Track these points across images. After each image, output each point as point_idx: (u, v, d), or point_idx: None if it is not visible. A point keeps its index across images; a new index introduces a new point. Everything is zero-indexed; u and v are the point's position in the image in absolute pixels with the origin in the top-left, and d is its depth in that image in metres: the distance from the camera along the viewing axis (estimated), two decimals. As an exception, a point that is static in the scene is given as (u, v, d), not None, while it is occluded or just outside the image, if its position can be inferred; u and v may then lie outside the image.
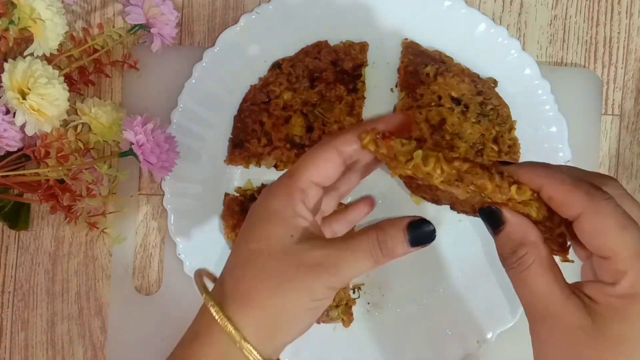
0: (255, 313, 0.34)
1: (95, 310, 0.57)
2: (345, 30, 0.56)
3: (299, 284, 0.34)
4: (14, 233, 0.57)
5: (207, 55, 0.54)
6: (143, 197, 0.57)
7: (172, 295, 0.56)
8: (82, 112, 0.51)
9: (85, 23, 0.57)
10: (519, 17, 0.60)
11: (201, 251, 0.54)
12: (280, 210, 0.36)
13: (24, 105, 0.44)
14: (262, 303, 0.34)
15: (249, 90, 0.55)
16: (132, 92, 0.57)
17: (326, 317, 0.54)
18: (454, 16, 0.55)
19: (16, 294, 0.57)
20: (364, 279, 0.57)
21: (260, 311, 0.34)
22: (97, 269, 0.57)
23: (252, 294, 0.35)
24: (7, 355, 0.56)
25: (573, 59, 0.60)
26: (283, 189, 0.36)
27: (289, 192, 0.36)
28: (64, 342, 0.57)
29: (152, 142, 0.47)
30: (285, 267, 0.34)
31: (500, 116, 0.55)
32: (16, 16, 0.45)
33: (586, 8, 0.60)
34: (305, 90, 0.55)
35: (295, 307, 0.35)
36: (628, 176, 0.60)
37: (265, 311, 0.34)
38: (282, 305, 0.34)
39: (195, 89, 0.54)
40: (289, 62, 0.55)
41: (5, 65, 0.45)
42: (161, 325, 0.56)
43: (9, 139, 0.46)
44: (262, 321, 0.34)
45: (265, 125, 0.54)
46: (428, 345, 0.55)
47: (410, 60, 0.55)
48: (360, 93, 0.55)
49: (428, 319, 0.56)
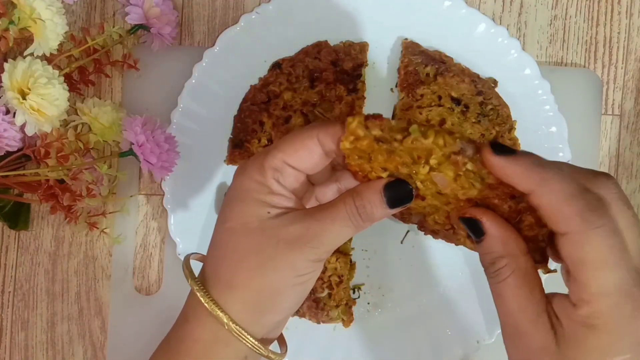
0: (239, 293, 0.34)
1: (95, 310, 0.57)
2: (345, 30, 0.56)
3: (279, 262, 0.33)
4: (14, 233, 0.57)
5: (207, 55, 0.54)
6: (143, 197, 0.57)
7: (172, 295, 0.56)
8: (82, 112, 0.51)
9: (85, 23, 0.57)
10: (519, 17, 0.60)
11: (201, 251, 0.54)
12: (254, 189, 0.35)
13: (24, 105, 0.44)
14: (244, 283, 0.34)
15: (249, 90, 0.55)
16: (132, 92, 0.57)
17: (326, 317, 0.54)
18: (454, 16, 0.55)
19: (16, 294, 0.57)
20: (364, 279, 0.57)
21: (243, 291, 0.34)
22: (97, 269, 0.57)
23: (234, 274, 0.34)
24: (7, 355, 0.56)
25: (573, 59, 0.60)
26: (256, 166, 0.35)
27: (261, 171, 0.34)
28: (64, 342, 0.57)
29: (152, 142, 0.47)
30: (264, 245, 0.34)
31: (500, 116, 0.55)
32: (16, 16, 0.45)
33: (586, 8, 0.60)
34: (305, 90, 0.55)
35: (280, 284, 0.34)
36: (628, 176, 0.60)
37: (249, 291, 0.34)
38: (265, 284, 0.34)
39: (195, 89, 0.54)
40: (289, 62, 0.55)
41: (5, 65, 0.45)
42: (161, 325, 0.56)
43: (9, 139, 0.46)
44: (247, 301, 0.34)
45: (265, 125, 0.54)
46: (428, 345, 0.55)
47: (410, 60, 0.55)
48: (360, 93, 0.55)
49: (428, 319, 0.56)
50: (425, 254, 0.57)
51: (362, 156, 0.34)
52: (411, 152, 0.32)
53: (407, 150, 0.32)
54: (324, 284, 0.54)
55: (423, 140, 0.31)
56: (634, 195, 0.60)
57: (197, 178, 0.55)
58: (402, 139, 0.31)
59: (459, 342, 0.55)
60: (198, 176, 0.55)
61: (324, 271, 0.54)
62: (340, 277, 0.54)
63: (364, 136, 0.32)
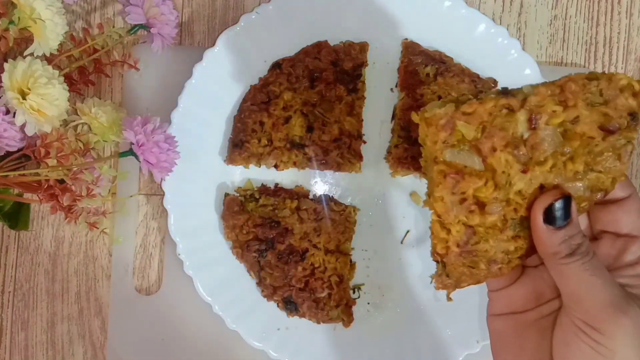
0: None
1: (95, 310, 0.57)
2: (345, 30, 0.56)
3: None
4: (14, 233, 0.57)
5: (207, 55, 0.54)
6: (143, 197, 0.57)
7: (172, 295, 0.56)
8: (82, 112, 0.51)
9: (85, 23, 0.57)
10: (519, 17, 0.60)
11: (201, 251, 0.54)
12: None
13: (24, 105, 0.44)
14: None
15: (249, 90, 0.55)
16: (132, 92, 0.57)
17: (326, 317, 0.54)
18: (454, 16, 0.55)
19: (16, 294, 0.57)
20: (364, 279, 0.57)
21: None
22: (97, 269, 0.57)
23: None
24: (7, 355, 0.56)
25: (573, 59, 0.60)
26: None
27: None
28: (64, 342, 0.57)
29: (152, 142, 0.47)
30: None
31: (500, 116, 0.55)
32: (16, 16, 0.45)
33: (586, 8, 0.60)
34: (305, 90, 0.55)
35: None
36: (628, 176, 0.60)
37: None
38: None
39: (195, 89, 0.54)
40: (289, 62, 0.55)
41: (5, 65, 0.45)
42: (161, 325, 0.56)
43: (9, 139, 0.46)
44: None
45: (265, 125, 0.54)
46: (428, 345, 0.55)
47: (410, 60, 0.55)
48: (360, 93, 0.55)
49: (428, 319, 0.56)
50: (426, 254, 0.57)
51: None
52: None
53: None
54: (324, 284, 0.54)
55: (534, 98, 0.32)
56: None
57: (197, 178, 0.55)
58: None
59: (459, 342, 0.55)
60: (198, 176, 0.55)
61: (324, 271, 0.54)
62: (340, 277, 0.54)
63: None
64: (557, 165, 0.33)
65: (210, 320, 0.54)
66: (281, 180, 0.56)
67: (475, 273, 0.35)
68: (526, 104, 0.32)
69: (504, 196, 0.33)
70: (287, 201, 0.54)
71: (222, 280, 0.54)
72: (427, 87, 0.54)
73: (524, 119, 0.33)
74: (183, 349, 0.56)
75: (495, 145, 0.33)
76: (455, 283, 0.36)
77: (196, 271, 0.54)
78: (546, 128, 0.33)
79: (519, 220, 0.34)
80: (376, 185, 0.57)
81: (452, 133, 0.32)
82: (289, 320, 0.55)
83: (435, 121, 0.32)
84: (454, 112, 0.32)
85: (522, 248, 0.35)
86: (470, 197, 0.33)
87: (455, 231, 0.34)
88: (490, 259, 0.35)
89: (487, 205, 0.33)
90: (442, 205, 0.34)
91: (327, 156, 0.54)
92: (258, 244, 0.54)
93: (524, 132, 0.33)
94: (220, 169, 0.56)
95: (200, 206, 0.55)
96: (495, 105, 0.32)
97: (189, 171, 0.54)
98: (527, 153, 0.33)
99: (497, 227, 0.34)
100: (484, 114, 0.32)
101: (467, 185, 0.33)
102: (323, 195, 0.56)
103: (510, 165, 0.33)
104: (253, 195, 0.55)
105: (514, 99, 0.33)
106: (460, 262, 0.35)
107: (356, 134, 0.55)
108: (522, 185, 0.33)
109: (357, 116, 0.55)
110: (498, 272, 0.35)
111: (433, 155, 0.33)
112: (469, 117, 0.32)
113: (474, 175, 0.33)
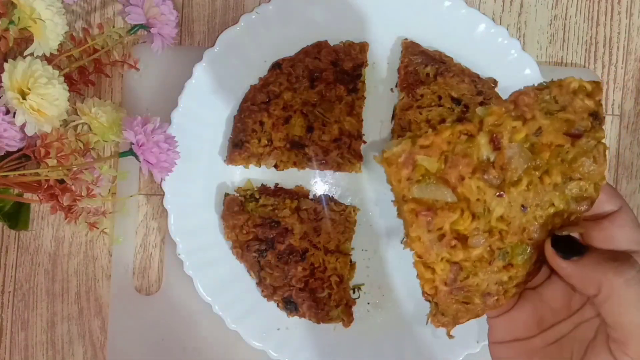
0: None
1: (95, 310, 0.57)
2: (345, 30, 0.56)
3: None
4: (14, 233, 0.57)
5: (207, 55, 0.54)
6: (143, 197, 0.57)
7: (172, 295, 0.56)
8: (82, 112, 0.51)
9: (85, 23, 0.57)
10: (519, 17, 0.60)
11: (201, 251, 0.54)
12: None
13: (24, 105, 0.44)
14: None
15: (249, 90, 0.55)
16: (132, 92, 0.57)
17: (326, 317, 0.54)
18: (454, 16, 0.55)
19: (16, 294, 0.57)
20: (364, 279, 0.57)
21: None
22: (97, 269, 0.57)
23: None
24: (7, 355, 0.56)
25: (573, 59, 0.60)
26: None
27: None
28: (64, 342, 0.57)
29: (152, 142, 0.47)
30: None
31: (500, 116, 0.55)
32: (16, 16, 0.45)
33: (586, 8, 0.60)
34: (305, 90, 0.55)
35: None
36: (628, 176, 0.60)
37: None
38: None
39: (195, 89, 0.54)
40: (289, 62, 0.55)
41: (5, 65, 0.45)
42: (161, 325, 0.56)
43: (9, 139, 0.46)
44: None
45: (265, 125, 0.54)
46: (428, 345, 0.55)
47: (410, 60, 0.55)
48: (360, 93, 0.55)
49: (428, 319, 0.56)
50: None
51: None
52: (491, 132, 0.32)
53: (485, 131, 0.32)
54: (324, 284, 0.54)
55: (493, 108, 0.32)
56: (634, 195, 0.60)
57: (197, 178, 0.55)
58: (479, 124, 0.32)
59: (459, 342, 0.55)
60: (198, 176, 0.55)
61: (324, 271, 0.54)
62: (340, 277, 0.54)
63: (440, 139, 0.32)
64: (533, 181, 0.32)
65: (210, 320, 0.54)
66: (281, 180, 0.56)
67: (471, 308, 0.35)
68: (483, 126, 0.32)
69: (484, 226, 0.32)
70: (287, 201, 0.54)
71: (222, 280, 0.54)
72: (427, 87, 0.54)
73: (486, 141, 0.32)
74: (183, 349, 0.56)
75: (462, 173, 0.32)
76: (453, 320, 0.36)
77: (196, 271, 0.54)
78: (511, 146, 0.32)
79: (508, 249, 0.33)
80: (376, 185, 0.57)
81: (414, 169, 0.32)
82: (289, 320, 0.55)
83: (394, 160, 0.32)
84: (412, 148, 0.31)
85: (517, 276, 0.34)
86: (449, 232, 0.32)
87: (440, 270, 0.33)
88: (483, 292, 0.34)
89: (469, 238, 0.32)
90: (420, 245, 0.33)
91: (327, 156, 0.54)
92: (258, 244, 0.54)
93: (489, 154, 0.32)
94: (220, 169, 0.56)
95: (200, 206, 0.55)
96: (452, 134, 0.32)
97: (189, 171, 0.54)
98: (499, 175, 0.32)
99: (485, 259, 0.33)
100: (442, 143, 0.32)
101: (441, 221, 0.32)
102: (323, 195, 0.56)
103: (483, 191, 0.32)
104: (253, 195, 0.55)
105: (470, 123, 0.32)
106: (452, 299, 0.34)
107: (356, 134, 0.55)
108: (502, 210, 0.32)
109: (357, 116, 0.55)
110: (495, 303, 0.35)
111: (400, 194, 0.32)
112: (428, 150, 0.32)
113: (446, 208, 0.32)
